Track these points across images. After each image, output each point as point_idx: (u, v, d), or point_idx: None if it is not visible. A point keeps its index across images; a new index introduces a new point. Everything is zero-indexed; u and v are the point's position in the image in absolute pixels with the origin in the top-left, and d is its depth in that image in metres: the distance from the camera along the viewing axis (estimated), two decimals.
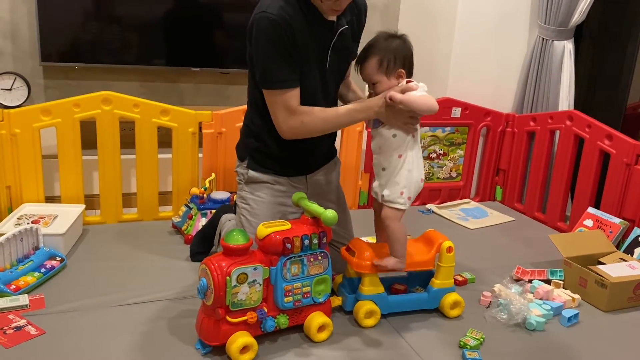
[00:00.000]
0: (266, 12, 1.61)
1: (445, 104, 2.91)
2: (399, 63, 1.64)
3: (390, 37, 1.66)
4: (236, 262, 1.45)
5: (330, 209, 1.53)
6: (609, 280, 1.86)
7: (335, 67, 1.81)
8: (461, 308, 1.78)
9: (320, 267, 1.58)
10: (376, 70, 1.62)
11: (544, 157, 2.82)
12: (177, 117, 2.43)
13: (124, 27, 2.83)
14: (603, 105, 3.14)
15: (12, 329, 1.56)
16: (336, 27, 1.74)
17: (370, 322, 1.68)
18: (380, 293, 1.70)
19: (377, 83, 1.64)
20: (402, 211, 1.67)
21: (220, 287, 1.43)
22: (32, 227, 1.96)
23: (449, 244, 1.74)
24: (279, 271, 1.51)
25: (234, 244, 1.47)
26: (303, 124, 1.70)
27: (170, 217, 2.43)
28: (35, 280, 1.80)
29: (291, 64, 1.66)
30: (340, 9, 1.67)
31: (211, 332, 1.48)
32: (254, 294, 1.48)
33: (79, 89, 2.84)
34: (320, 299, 1.60)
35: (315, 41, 1.70)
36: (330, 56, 1.76)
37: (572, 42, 2.90)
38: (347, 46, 1.82)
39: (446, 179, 3.06)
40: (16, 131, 2.24)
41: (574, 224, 2.55)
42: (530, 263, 2.21)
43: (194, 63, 2.96)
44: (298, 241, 1.52)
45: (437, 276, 1.76)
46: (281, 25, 1.60)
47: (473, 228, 2.66)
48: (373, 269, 1.67)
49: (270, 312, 1.53)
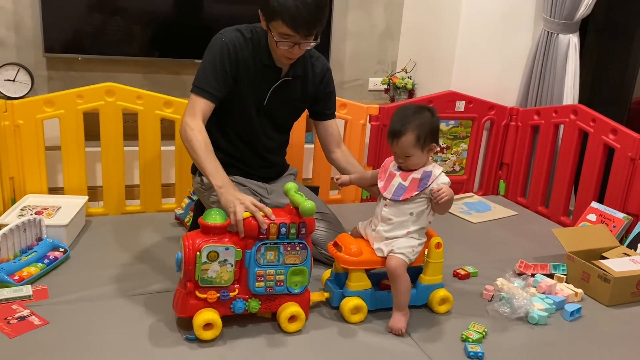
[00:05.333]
0: (221, 34, 1.85)
1: (449, 97, 2.90)
2: (433, 138, 1.65)
3: (419, 111, 1.66)
4: (209, 239, 1.48)
5: (310, 201, 1.53)
6: (612, 275, 1.86)
7: (275, 109, 1.96)
8: (450, 304, 1.76)
9: (298, 258, 1.57)
10: (413, 145, 1.63)
11: (548, 151, 2.82)
12: (180, 109, 2.42)
13: (127, 18, 2.82)
14: (608, 99, 3.13)
15: (15, 319, 1.56)
16: (283, 75, 1.91)
17: (356, 318, 1.66)
18: (367, 289, 1.68)
19: (411, 156, 1.65)
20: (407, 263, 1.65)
21: (189, 261, 1.47)
22: (35, 218, 1.96)
23: (438, 239, 1.71)
24: (252, 255, 1.52)
25: (211, 222, 1.49)
26: (185, 132, 1.77)
27: (173, 209, 2.43)
28: (38, 271, 1.81)
29: (219, 80, 1.82)
30: (293, 58, 1.82)
31: (180, 304, 1.53)
32: (225, 273, 1.50)
33: (82, 81, 2.84)
34: (296, 290, 1.59)
35: (257, 76, 1.88)
36: (270, 97, 1.92)
37: (577, 36, 2.88)
38: (293, 97, 1.98)
39: (449, 173, 3.05)
40: (19, 122, 2.24)
41: (577, 218, 2.54)
42: (533, 257, 2.20)
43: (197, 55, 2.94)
44: (274, 228, 1.52)
45: (426, 272, 1.74)
46: (227, 46, 1.81)
47: (476, 222, 2.65)
48: (359, 265, 1.66)
49: (242, 295, 1.55)
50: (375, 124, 2.76)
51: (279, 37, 1.74)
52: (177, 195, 2.55)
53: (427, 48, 3.19)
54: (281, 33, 1.73)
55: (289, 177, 2.19)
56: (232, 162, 1.99)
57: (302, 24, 1.69)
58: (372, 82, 3.46)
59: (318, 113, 2.09)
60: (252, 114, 1.94)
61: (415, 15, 3.31)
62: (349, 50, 3.36)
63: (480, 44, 2.96)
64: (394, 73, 3.36)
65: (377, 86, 3.44)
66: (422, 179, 1.64)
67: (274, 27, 1.74)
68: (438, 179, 1.63)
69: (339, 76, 3.31)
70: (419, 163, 1.65)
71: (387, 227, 1.67)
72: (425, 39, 3.21)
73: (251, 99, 1.92)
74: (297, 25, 1.69)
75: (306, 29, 1.71)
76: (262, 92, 1.93)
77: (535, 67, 2.97)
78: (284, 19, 1.69)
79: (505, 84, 3.07)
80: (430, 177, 1.63)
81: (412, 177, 1.65)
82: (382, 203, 1.69)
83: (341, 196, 2.85)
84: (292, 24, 1.69)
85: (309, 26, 1.71)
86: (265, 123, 1.99)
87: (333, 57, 3.19)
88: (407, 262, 1.64)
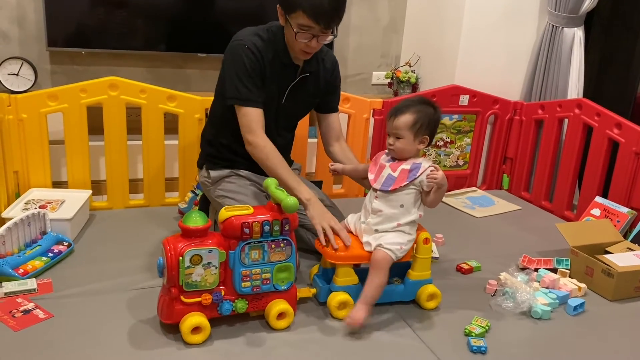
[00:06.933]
0: (241, 41, 1.84)
1: (453, 91, 2.89)
2: (428, 130, 1.65)
3: (425, 102, 1.68)
4: (191, 243, 1.45)
5: (292, 197, 1.52)
6: (615, 270, 1.86)
7: (291, 106, 1.98)
8: (437, 300, 1.74)
9: (283, 255, 1.56)
10: (409, 127, 1.63)
11: (552, 145, 2.81)
12: (183, 103, 2.42)
13: (130, 12, 2.81)
14: (613, 93, 3.11)
15: (20, 312, 1.57)
16: (300, 72, 1.93)
17: (343, 313, 1.64)
18: (354, 284, 1.67)
19: (401, 138, 1.64)
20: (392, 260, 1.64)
21: (172, 266, 1.44)
22: (39, 212, 1.97)
23: (426, 235, 1.70)
24: (237, 256, 1.50)
25: (192, 225, 1.46)
26: (258, 152, 1.84)
27: (177, 203, 2.44)
28: (42, 265, 1.82)
29: (258, 86, 1.84)
30: (310, 52, 1.84)
31: (165, 310, 1.50)
32: (210, 276, 1.48)
33: (85, 75, 2.84)
34: (283, 286, 1.57)
35: (277, 76, 1.89)
36: (288, 95, 1.94)
37: (582, 30, 2.87)
38: (308, 93, 2.00)
39: (453, 167, 3.05)
40: (23, 116, 2.24)
41: (581, 213, 2.53)
42: (537, 252, 2.20)
43: (201, 49, 2.95)
44: (257, 227, 1.49)
45: (414, 267, 1.72)
46: (251, 51, 1.82)
47: (479, 216, 2.65)
48: (346, 260, 1.65)
49: (229, 296, 1.53)
50: (378, 118, 2.76)
51: (298, 29, 1.75)
52: (180, 190, 2.55)
53: (431, 42, 3.18)
54: (301, 24, 1.74)
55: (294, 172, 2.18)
56: (238, 159, 2.00)
57: (323, 14, 1.71)
58: (376, 76, 3.45)
59: (322, 106, 2.10)
60: (270, 113, 1.93)
61: (419, 9, 3.29)
62: (353, 44, 3.35)
63: (484, 37, 2.94)
64: (397, 67, 3.34)
65: (380, 80, 3.43)
66: (412, 170, 1.64)
67: (293, 19, 1.75)
68: (427, 170, 1.63)
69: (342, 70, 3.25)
70: (407, 149, 1.65)
71: (377, 219, 1.66)
72: (429, 33, 3.19)
73: (272, 98, 1.92)
74: (318, 16, 1.71)
75: (326, 19, 1.73)
76: (281, 91, 1.94)
77: (540, 61, 2.95)
78: (304, 9, 1.71)
79: (510, 78, 3.06)
80: (420, 169, 1.64)
81: (402, 167, 1.65)
82: (372, 195, 1.69)
83: (344, 190, 2.85)
84: (313, 14, 1.70)
85: (330, 17, 1.73)
86: (279, 122, 2.00)
87: (336, 51, 3.18)
88: (394, 258, 1.63)
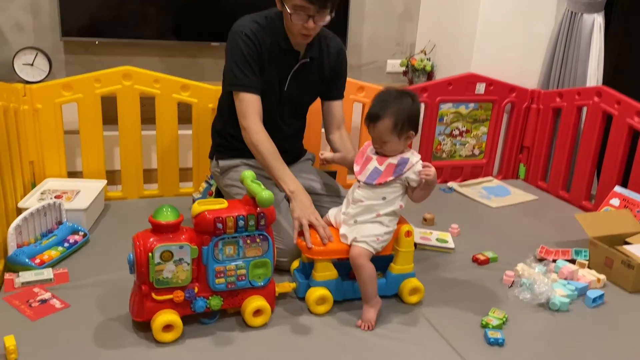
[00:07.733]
0: (239, 28, 1.84)
1: (469, 79, 2.85)
2: (411, 125, 1.59)
3: (400, 96, 1.60)
4: (161, 239, 1.41)
5: (268, 191, 1.46)
6: (635, 261, 1.83)
7: (295, 93, 1.97)
8: (420, 295, 1.70)
9: (259, 250, 1.51)
10: (390, 131, 1.58)
11: (570, 134, 2.76)
12: (197, 93, 2.41)
13: (144, 1, 2.80)
14: (633, 81, 3.05)
15: (37, 302, 1.58)
16: (301, 57, 1.92)
17: (322, 309, 1.61)
18: (333, 279, 1.64)
19: (387, 142, 1.60)
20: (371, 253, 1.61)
21: (142, 263, 1.39)
22: (55, 202, 1.98)
23: (408, 227, 1.66)
24: (210, 251, 1.45)
25: (163, 220, 1.41)
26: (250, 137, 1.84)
27: (191, 193, 2.44)
28: (59, 255, 1.83)
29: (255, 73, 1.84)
30: (309, 34, 1.81)
31: (136, 307, 1.46)
32: (182, 272, 1.43)
33: (99, 64, 2.84)
34: (260, 282, 1.53)
35: (277, 62, 1.89)
36: (290, 81, 1.94)
37: (602, 16, 2.81)
38: (311, 79, 1.98)
39: (468, 157, 3.02)
40: (38, 106, 2.25)
41: (599, 203, 2.49)
42: (554, 242, 2.17)
43: (214, 38, 2.93)
44: (231, 222, 1.44)
45: (396, 261, 1.68)
46: (249, 38, 1.82)
47: (495, 207, 2.62)
48: (324, 254, 1.61)
49: (203, 293, 1.48)
50: None
51: (293, 10, 1.73)
52: (194, 180, 2.55)
53: (446, 29, 3.13)
54: (295, 5, 1.73)
55: (307, 162, 2.17)
56: (247, 149, 1.98)
57: None
58: (391, 64, 3.41)
59: (325, 92, 2.07)
60: (272, 100, 1.92)
61: None
62: (367, 32, 3.31)
63: (501, 24, 2.89)
64: (412, 55, 3.30)
65: (395, 68, 3.39)
66: (399, 165, 1.60)
67: (288, 1, 1.74)
68: (415, 166, 1.59)
69: (356, 58, 3.26)
70: (395, 150, 1.61)
71: (357, 209, 1.63)
72: (445, 20, 3.15)
73: (273, 85, 1.92)
74: None
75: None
76: (282, 77, 1.93)
77: (558, 48, 2.90)
78: None
79: (527, 66, 3.00)
80: (407, 164, 1.59)
81: (389, 162, 1.61)
82: (356, 186, 1.66)
83: None
84: None
85: None
86: (284, 109, 1.98)
87: (350, 39, 3.14)
88: (372, 251, 1.60)
